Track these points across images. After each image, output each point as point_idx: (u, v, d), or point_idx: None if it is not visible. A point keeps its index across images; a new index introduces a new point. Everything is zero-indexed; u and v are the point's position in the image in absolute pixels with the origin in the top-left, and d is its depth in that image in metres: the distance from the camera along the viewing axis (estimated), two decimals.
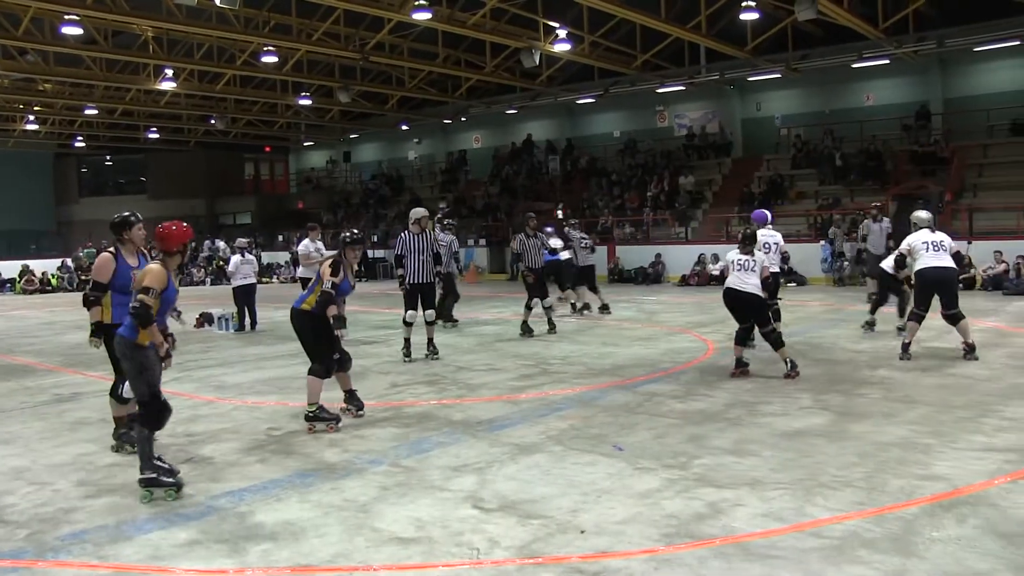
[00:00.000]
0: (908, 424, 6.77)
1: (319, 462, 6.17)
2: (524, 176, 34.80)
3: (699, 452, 6.13)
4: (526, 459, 6.05)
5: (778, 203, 26.44)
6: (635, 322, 14.88)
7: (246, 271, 14.75)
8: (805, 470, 5.62)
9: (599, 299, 16.10)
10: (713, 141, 31.09)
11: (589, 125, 35.21)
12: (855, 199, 24.92)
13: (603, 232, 28.76)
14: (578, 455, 6.13)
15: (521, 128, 36.77)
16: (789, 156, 28.23)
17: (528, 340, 12.67)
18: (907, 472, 5.51)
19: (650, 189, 29.58)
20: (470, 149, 38.78)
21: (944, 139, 25.18)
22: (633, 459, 5.97)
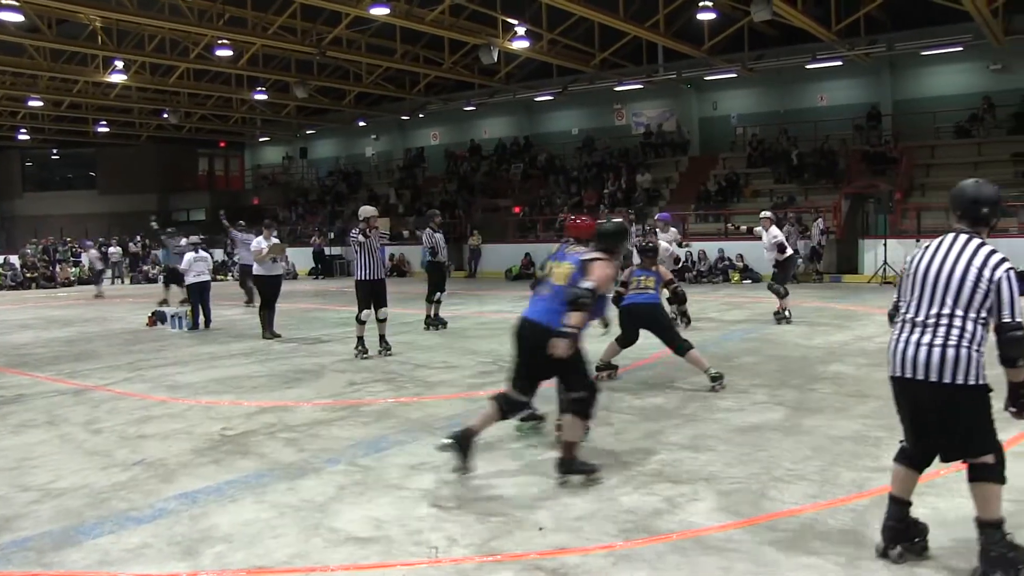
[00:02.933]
0: (860, 418, 6.88)
1: (275, 462, 6.10)
2: (482, 173, 34.79)
3: (656, 448, 6.17)
4: (487, 455, 6.03)
5: (733, 201, 26.75)
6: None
7: (200, 268, 14.55)
8: (760, 464, 5.68)
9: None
10: (670, 139, 31.34)
11: (547, 122, 35.29)
12: (809, 197, 25.31)
13: (561, 229, 28.84)
14: (536, 452, 6.14)
15: (479, 125, 36.77)
16: (745, 155, 28.56)
17: (484, 337, 12.67)
18: (859, 465, 5.60)
19: (607, 186, 29.72)
20: (428, 146, 38.70)
21: (894, 139, 25.75)
22: (590, 455, 5.99)
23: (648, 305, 8.55)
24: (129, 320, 16.36)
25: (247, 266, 17.00)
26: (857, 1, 22.81)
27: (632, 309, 8.63)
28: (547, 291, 5.46)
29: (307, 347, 12.15)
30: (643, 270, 8.78)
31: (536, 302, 5.51)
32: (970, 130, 24.94)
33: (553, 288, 5.43)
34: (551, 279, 5.47)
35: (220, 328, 14.58)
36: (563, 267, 5.48)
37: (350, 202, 37.42)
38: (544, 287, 5.52)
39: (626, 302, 8.66)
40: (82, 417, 7.75)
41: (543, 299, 5.46)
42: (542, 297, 5.48)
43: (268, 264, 13.29)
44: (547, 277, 5.56)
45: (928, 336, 3.94)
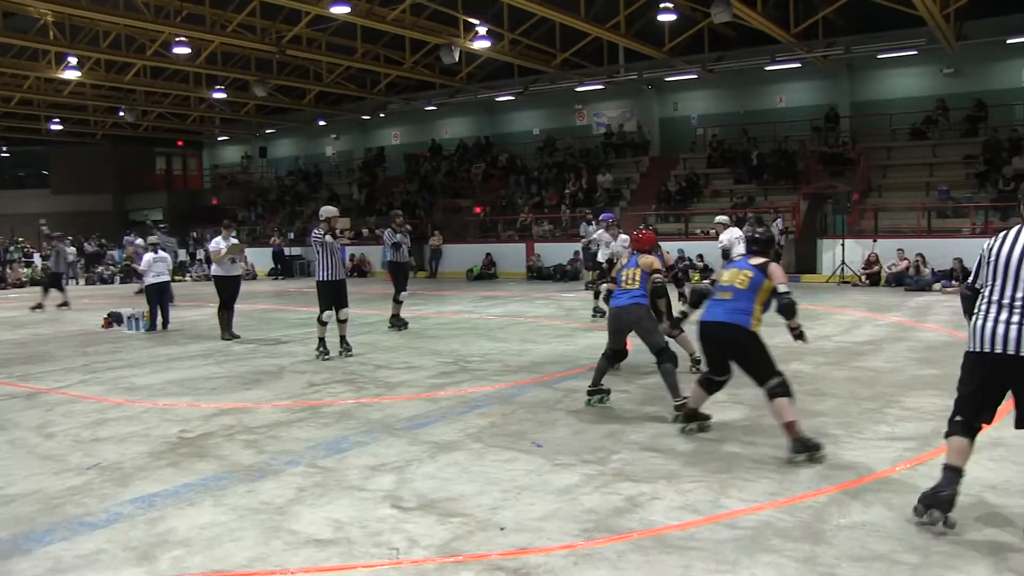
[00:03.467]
0: (818, 416, 6.97)
1: (234, 464, 6.04)
2: (443, 173, 34.72)
3: (617, 447, 6.20)
4: (445, 457, 6.04)
5: (693, 201, 26.93)
6: (554, 319, 14.98)
7: (159, 268, 14.36)
8: (720, 463, 5.73)
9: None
10: (631, 140, 31.48)
11: (508, 123, 35.30)
12: (769, 197, 25.54)
13: (522, 229, 28.89)
14: (497, 452, 6.14)
15: (440, 125, 36.70)
16: (705, 155, 28.76)
17: (445, 337, 12.65)
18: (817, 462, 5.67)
19: (568, 187, 29.80)
20: (388, 146, 38.54)
21: (851, 141, 26.05)
22: (552, 455, 6.01)
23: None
24: (84, 322, 16.12)
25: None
26: (815, 4, 23.12)
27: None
28: (728, 295, 6.23)
29: (266, 348, 12.06)
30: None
31: (717, 305, 6.25)
32: (925, 132, 25.30)
33: (735, 292, 6.21)
34: (734, 284, 6.22)
35: (178, 329, 14.41)
36: (743, 274, 6.24)
37: (310, 202, 37.14)
38: (724, 292, 6.25)
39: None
40: (34, 421, 7.61)
41: (725, 302, 6.22)
42: (722, 300, 6.24)
43: (227, 264, 13.17)
44: (723, 283, 6.32)
45: (1016, 316, 4.41)
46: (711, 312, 6.28)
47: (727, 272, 6.44)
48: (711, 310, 6.30)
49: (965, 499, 4.77)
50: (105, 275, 30.73)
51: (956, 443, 4.58)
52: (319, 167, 40.26)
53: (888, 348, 10.32)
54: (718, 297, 6.33)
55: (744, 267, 6.34)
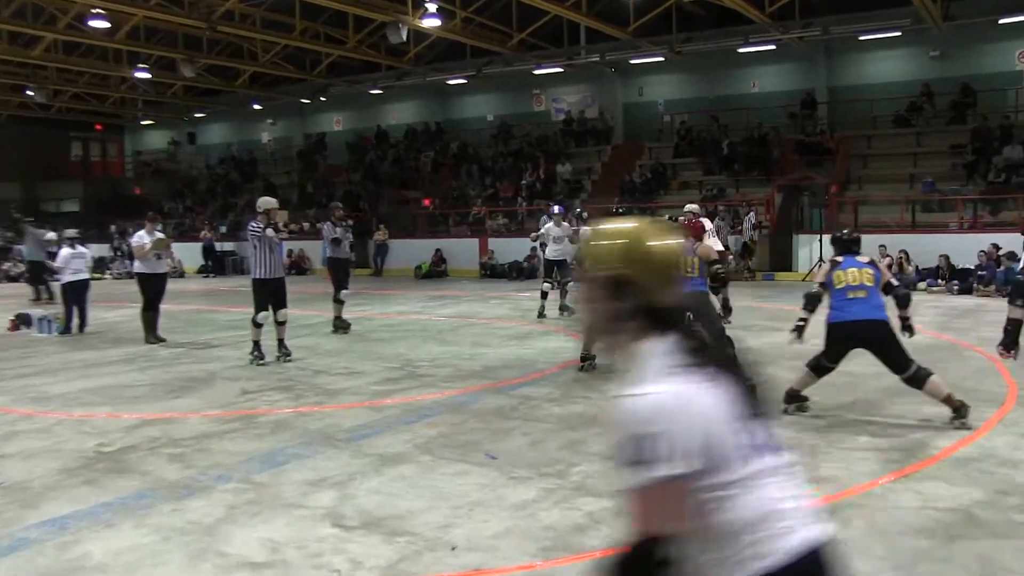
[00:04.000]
0: (794, 425, 7.05)
1: (158, 480, 5.96)
2: (389, 162, 34.60)
3: (578, 459, 6.21)
4: (391, 471, 6.02)
5: (660, 193, 27.11)
6: (509, 320, 15.00)
7: (77, 265, 14.10)
8: None
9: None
10: (592, 127, 31.63)
11: (460, 108, 35.28)
12: (740, 189, 25.78)
13: (475, 223, 28.89)
14: (448, 465, 6.13)
15: (386, 110, 36.56)
16: (672, 144, 28.96)
17: (390, 340, 12.63)
18: None
19: (525, 177, 29.86)
20: (330, 132, 38.31)
21: (829, 129, 26.34)
22: (507, 468, 6.01)
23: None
24: None
25: (37, 263, 18.73)
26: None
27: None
28: (863, 294, 7.25)
29: (196, 352, 11.95)
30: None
31: (854, 304, 7.24)
32: (909, 119, 25.59)
33: (868, 289, 7.26)
34: (864, 283, 7.27)
35: (96, 332, 14.18)
36: (866, 273, 7.34)
37: (244, 193, 36.80)
38: (858, 291, 7.26)
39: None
40: None
41: (864, 300, 7.24)
42: (859, 299, 7.24)
43: (151, 261, 13.00)
44: (853, 283, 7.29)
45: None
46: (852, 311, 7.25)
47: (848, 273, 7.37)
48: (850, 309, 7.26)
49: (951, 516, 4.86)
50: (12, 272, 30.13)
51: None
52: (254, 155, 39.88)
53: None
54: (851, 297, 7.29)
55: (863, 266, 7.42)
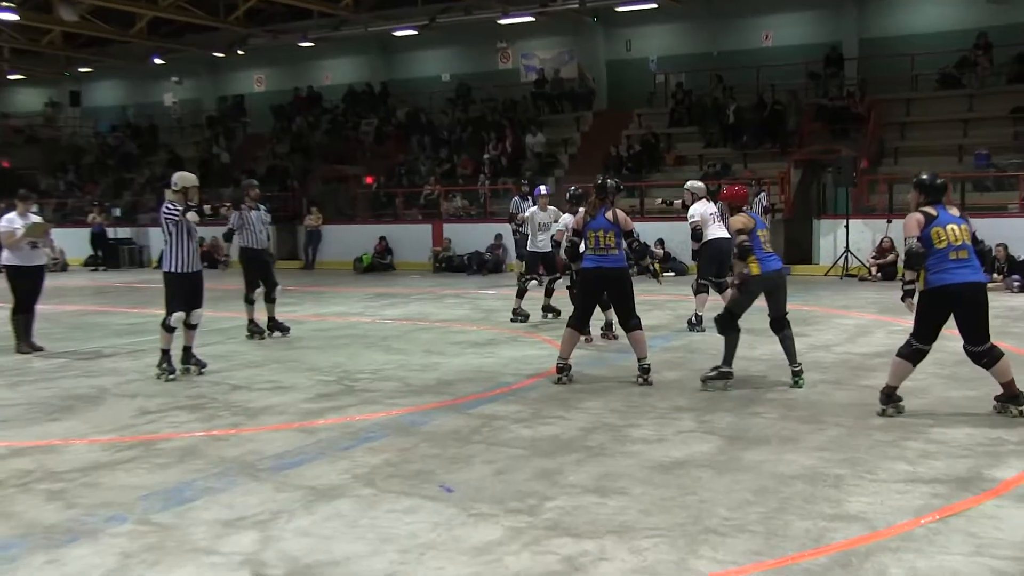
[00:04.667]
0: (815, 450, 7.07)
1: (30, 525, 5.88)
2: (323, 131, 34.47)
3: (552, 492, 6.20)
4: (325, 507, 5.98)
5: (652, 170, 27.16)
6: (468, 323, 15.01)
7: None
8: (687, 512, 5.77)
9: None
10: (570, 89, 31.67)
11: (410, 65, 35.23)
12: (750, 166, 25.83)
13: (427, 206, 28.83)
14: (394, 499, 6.10)
15: (319, 67, 36.45)
16: (667, 110, 29.06)
17: (325, 348, 12.60)
18: (814, 512, 5.74)
19: (488, 150, 29.85)
20: (250, 93, 38.17)
21: (859, 91, 26.43)
22: (467, 503, 5.99)
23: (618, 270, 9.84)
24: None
25: None
26: None
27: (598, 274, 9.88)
28: (965, 254, 7.78)
29: (81, 364, 11.85)
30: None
31: (962, 266, 7.76)
32: (959, 78, 25.63)
33: (968, 247, 7.81)
34: (966, 241, 7.80)
35: None
36: (964, 229, 7.85)
37: (142, 167, 36.54)
38: (961, 250, 7.76)
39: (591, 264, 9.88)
40: None
41: (967, 261, 7.80)
42: (963, 260, 7.78)
43: (24, 251, 12.81)
44: (955, 242, 7.76)
45: None
46: (960, 274, 7.74)
47: (949, 229, 7.79)
48: (959, 272, 7.75)
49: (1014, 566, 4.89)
50: None
51: None
52: (155, 121, 39.59)
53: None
54: (954, 257, 7.75)
55: (960, 221, 7.89)
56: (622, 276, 9.85)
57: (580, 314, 10.03)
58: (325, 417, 8.55)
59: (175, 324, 10.64)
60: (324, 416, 8.59)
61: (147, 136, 39.20)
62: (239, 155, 35.27)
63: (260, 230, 13.83)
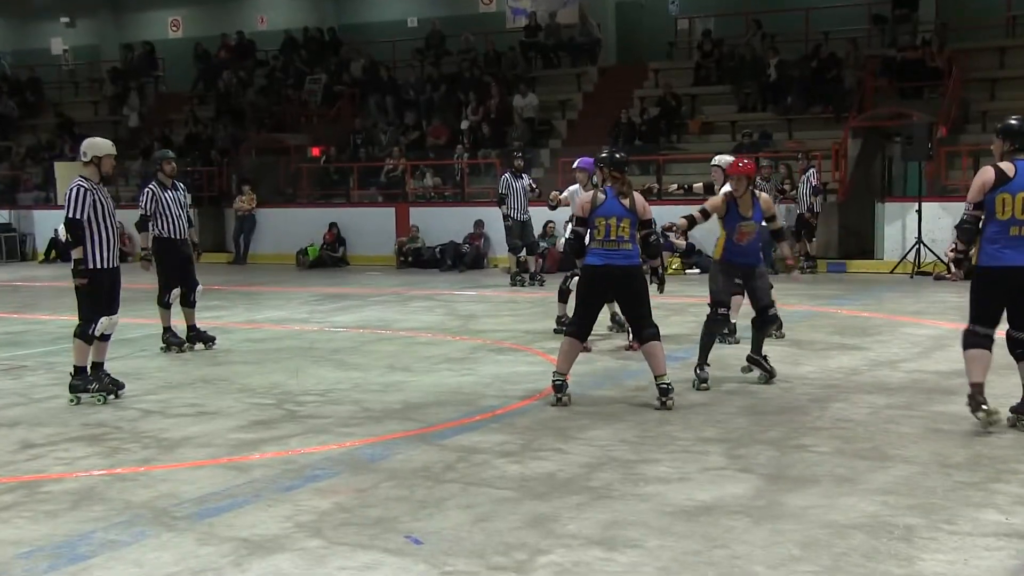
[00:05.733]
0: (878, 494, 7.09)
1: None
2: (257, 89, 34.41)
3: (546, 543, 6.22)
4: (260, 564, 5.98)
5: (672, 139, 27.16)
6: (442, 332, 15.05)
7: None
8: (716, 570, 5.79)
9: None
10: (569, 38, 31.68)
11: (367, 6, 35.27)
12: (796, 135, 25.84)
13: (390, 185, 28.81)
14: (348, 554, 6.11)
15: (251, 8, 36.40)
16: (691, 64, 29.09)
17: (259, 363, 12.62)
18: (878, 572, 5.75)
19: (466, 115, 29.84)
20: (163, 40, 38.05)
21: (937, 39, 26.34)
22: (439, 557, 6.00)
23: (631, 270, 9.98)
24: None
25: None
26: None
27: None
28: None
29: None
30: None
31: (1019, 244, 8.21)
32: None
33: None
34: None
35: None
36: (1020, 195, 8.16)
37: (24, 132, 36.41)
38: (1022, 225, 8.19)
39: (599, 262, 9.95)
40: None
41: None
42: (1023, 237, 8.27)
43: None
44: (1016, 214, 8.16)
45: None
46: (1018, 255, 8.20)
47: (1017, 197, 8.15)
48: (1017, 252, 8.21)
49: None
50: None
51: None
52: (38, 74, 39.41)
53: (997, 382, 10.43)
54: (1015, 233, 8.17)
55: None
56: (635, 275, 9.90)
57: (581, 321, 10.06)
58: (261, 450, 8.54)
59: (101, 331, 10.61)
60: (260, 449, 8.58)
61: (29, 93, 39.00)
62: (149, 119, 35.19)
63: (178, 215, 13.70)
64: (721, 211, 10.44)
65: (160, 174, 13.73)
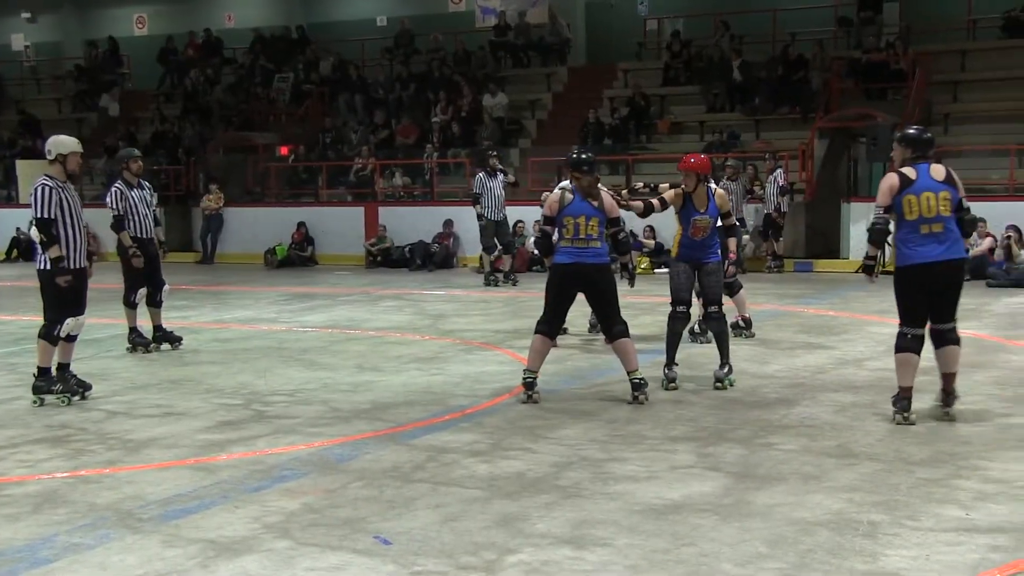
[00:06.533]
0: (844, 491, 7.12)
1: None
2: (224, 87, 34.30)
3: (515, 543, 6.22)
4: (228, 566, 5.96)
5: (641, 139, 27.20)
6: (411, 332, 15.04)
7: None
8: (685, 568, 5.80)
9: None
10: (539, 38, 31.68)
11: (336, 5, 35.16)
12: (763, 135, 25.92)
13: (359, 184, 28.75)
14: (317, 555, 6.09)
15: (219, 5, 36.28)
16: (660, 65, 29.13)
17: (227, 362, 12.60)
18: (843, 568, 5.78)
19: (436, 114, 29.83)
20: (128, 37, 37.87)
21: (902, 41, 26.46)
22: (408, 558, 5.99)
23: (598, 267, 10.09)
24: None
25: None
26: None
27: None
28: (940, 227, 8.64)
29: None
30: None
31: (933, 240, 8.66)
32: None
33: (943, 220, 8.64)
34: (941, 213, 8.61)
35: None
36: (943, 197, 8.62)
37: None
38: (935, 223, 8.62)
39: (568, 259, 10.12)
40: None
41: (941, 235, 8.66)
42: (936, 234, 8.65)
43: None
44: (928, 214, 8.63)
45: None
46: (930, 251, 8.66)
47: (922, 198, 8.62)
48: (928, 248, 8.67)
49: None
50: None
51: None
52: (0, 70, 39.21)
53: (959, 380, 10.62)
54: (926, 232, 8.63)
55: (939, 187, 8.64)
56: (605, 273, 9.97)
57: (551, 318, 10.15)
58: (228, 451, 8.52)
59: (63, 333, 10.55)
60: (227, 450, 8.55)
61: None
62: (114, 118, 35.01)
63: (145, 214, 13.66)
64: (677, 204, 10.64)
65: (126, 172, 13.65)
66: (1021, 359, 12.27)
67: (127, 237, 13.50)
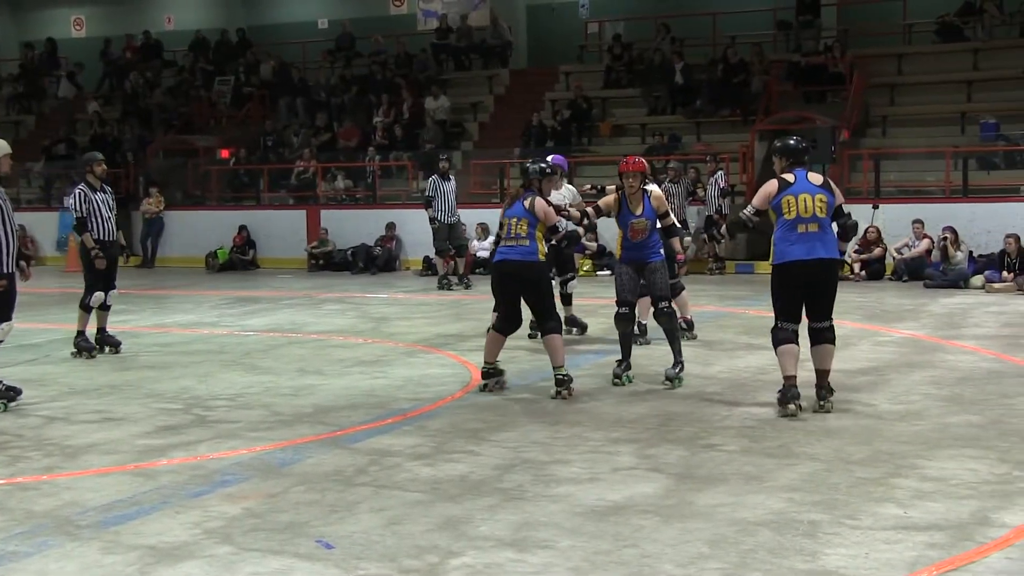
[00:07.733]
0: (784, 491, 7.16)
1: None
2: (164, 90, 34.09)
3: (458, 546, 6.22)
4: (169, 572, 5.93)
5: (583, 142, 27.23)
6: (353, 335, 15.01)
7: None
8: (627, 569, 5.81)
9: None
10: (481, 40, 31.67)
11: (276, 7, 35.09)
12: (704, 138, 26.01)
13: (300, 187, 28.66)
14: (259, 560, 6.07)
15: (158, 7, 36.05)
16: (602, 68, 29.18)
17: (168, 367, 12.52)
18: (784, 567, 5.82)
19: (378, 116, 29.76)
20: (66, 39, 37.57)
21: (839, 46, 26.62)
22: (351, 562, 5.99)
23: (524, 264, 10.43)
24: None
25: None
26: None
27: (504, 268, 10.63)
28: (815, 227, 9.09)
29: None
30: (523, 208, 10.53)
31: (807, 240, 9.08)
32: (963, 28, 26.03)
33: (820, 221, 9.11)
34: (816, 214, 9.07)
35: None
36: (820, 199, 9.10)
37: None
38: (810, 223, 9.08)
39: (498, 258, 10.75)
40: None
41: (816, 235, 9.11)
42: (811, 234, 9.09)
43: None
44: (804, 214, 9.07)
45: None
46: (803, 249, 9.07)
47: (799, 198, 9.07)
48: (800, 246, 9.07)
49: None
50: None
51: None
52: None
53: (897, 380, 10.73)
54: (802, 231, 9.04)
55: (815, 190, 9.11)
56: (531, 269, 10.31)
57: (502, 316, 10.62)
58: (169, 456, 8.46)
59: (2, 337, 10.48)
60: (167, 455, 8.50)
61: None
62: (53, 119, 34.72)
63: (107, 217, 13.57)
64: (613, 209, 10.87)
65: (90, 176, 13.56)
66: (958, 359, 12.41)
67: (90, 239, 13.38)
